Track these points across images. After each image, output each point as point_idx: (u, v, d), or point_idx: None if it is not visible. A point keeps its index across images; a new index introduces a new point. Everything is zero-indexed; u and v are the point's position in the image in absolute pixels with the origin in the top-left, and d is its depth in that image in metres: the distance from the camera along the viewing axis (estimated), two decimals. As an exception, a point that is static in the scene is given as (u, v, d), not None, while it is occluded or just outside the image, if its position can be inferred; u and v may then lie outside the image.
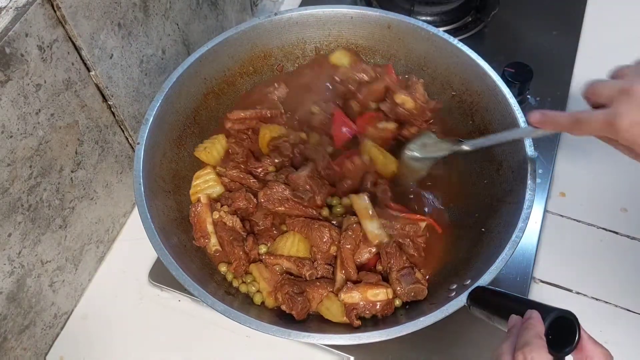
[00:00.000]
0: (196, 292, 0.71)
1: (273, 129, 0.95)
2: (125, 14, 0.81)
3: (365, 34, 1.01)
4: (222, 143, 0.93)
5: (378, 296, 0.76)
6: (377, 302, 0.77)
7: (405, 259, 0.81)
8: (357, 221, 0.81)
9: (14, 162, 0.69)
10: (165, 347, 0.88)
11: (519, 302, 0.62)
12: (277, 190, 0.84)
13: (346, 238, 0.80)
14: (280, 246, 0.83)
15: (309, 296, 0.79)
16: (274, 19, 0.98)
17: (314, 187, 0.85)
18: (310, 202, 0.84)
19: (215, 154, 0.92)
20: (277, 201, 0.84)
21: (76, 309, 0.91)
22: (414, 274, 0.80)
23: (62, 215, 0.81)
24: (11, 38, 0.63)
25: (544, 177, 1.00)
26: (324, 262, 0.82)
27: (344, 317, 0.77)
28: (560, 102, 1.10)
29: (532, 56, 1.09)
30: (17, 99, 0.66)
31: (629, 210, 0.98)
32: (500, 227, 0.79)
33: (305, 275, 0.80)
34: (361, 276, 0.80)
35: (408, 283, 0.78)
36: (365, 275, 0.79)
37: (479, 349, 0.84)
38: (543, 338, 0.52)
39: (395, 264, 0.80)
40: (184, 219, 0.86)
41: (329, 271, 0.82)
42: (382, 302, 0.77)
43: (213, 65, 0.95)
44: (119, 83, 0.84)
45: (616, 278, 0.91)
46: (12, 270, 0.74)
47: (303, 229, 0.83)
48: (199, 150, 0.92)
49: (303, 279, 0.81)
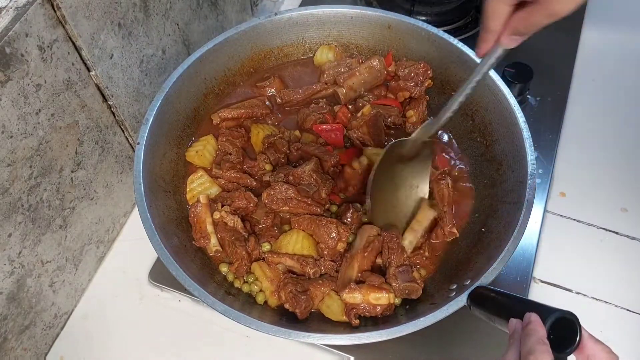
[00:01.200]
0: (196, 292, 0.71)
1: (266, 127, 0.95)
2: (126, 14, 0.81)
3: (365, 34, 1.01)
4: (212, 144, 0.93)
5: (380, 300, 0.77)
6: (378, 305, 0.77)
7: (406, 257, 0.81)
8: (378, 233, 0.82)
9: (14, 162, 0.69)
10: (165, 347, 0.88)
11: (519, 302, 0.63)
12: (281, 191, 0.84)
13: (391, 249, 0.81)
14: (284, 244, 0.83)
15: (311, 294, 0.79)
16: (274, 19, 0.98)
17: (318, 181, 0.85)
18: (315, 196, 0.85)
19: (207, 156, 0.92)
20: (281, 201, 0.85)
21: (76, 309, 0.91)
22: (411, 273, 0.80)
23: (62, 215, 0.81)
24: (11, 38, 0.63)
25: (544, 177, 1.00)
26: (329, 259, 0.82)
27: (344, 316, 0.77)
28: (560, 102, 1.10)
29: (532, 56, 1.09)
30: (17, 99, 0.66)
31: (629, 210, 0.98)
32: (500, 227, 0.80)
33: (309, 273, 0.81)
34: (365, 276, 0.80)
35: (404, 280, 0.78)
36: (369, 276, 0.79)
37: (479, 349, 0.84)
38: (546, 342, 0.52)
39: (395, 259, 0.80)
40: (184, 219, 0.86)
41: (333, 268, 0.82)
42: (382, 306, 0.77)
43: (213, 65, 0.95)
44: (119, 83, 0.84)
45: (616, 278, 0.91)
46: (13, 270, 0.74)
47: (310, 226, 0.83)
48: (191, 154, 0.91)
49: (306, 277, 0.81)
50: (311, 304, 0.79)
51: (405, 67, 0.97)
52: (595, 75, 1.16)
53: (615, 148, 1.06)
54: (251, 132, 0.95)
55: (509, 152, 0.85)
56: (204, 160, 0.92)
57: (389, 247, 0.81)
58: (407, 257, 0.82)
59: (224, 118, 0.95)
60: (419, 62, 0.97)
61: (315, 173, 0.86)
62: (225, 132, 0.93)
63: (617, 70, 1.17)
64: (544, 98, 1.11)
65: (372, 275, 0.79)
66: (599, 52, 1.18)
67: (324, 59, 1.02)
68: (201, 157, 0.91)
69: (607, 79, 1.15)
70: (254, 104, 0.98)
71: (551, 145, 1.04)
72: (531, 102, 1.10)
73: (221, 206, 0.86)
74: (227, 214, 0.84)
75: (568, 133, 1.07)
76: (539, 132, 1.05)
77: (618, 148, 1.06)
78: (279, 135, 0.93)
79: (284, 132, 0.95)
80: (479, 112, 0.93)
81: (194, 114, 0.95)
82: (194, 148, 0.92)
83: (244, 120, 0.97)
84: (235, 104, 0.98)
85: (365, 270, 0.81)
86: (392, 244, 0.81)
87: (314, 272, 0.81)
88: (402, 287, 0.78)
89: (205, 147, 0.92)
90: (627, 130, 1.08)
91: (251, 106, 0.97)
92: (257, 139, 0.94)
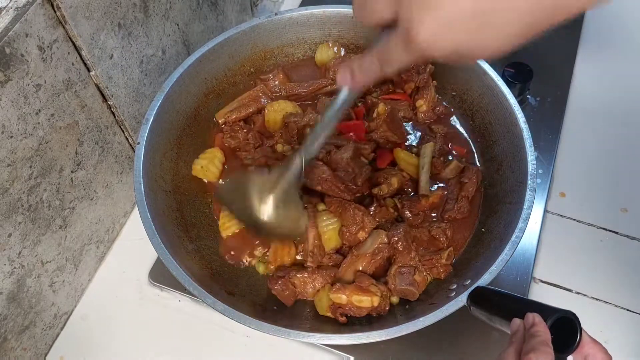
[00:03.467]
0: (196, 292, 0.71)
1: (289, 105, 0.95)
2: (126, 14, 0.81)
3: (365, 34, 1.01)
4: (219, 156, 0.92)
5: (362, 303, 0.76)
6: (363, 307, 0.77)
7: (412, 256, 0.80)
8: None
9: (14, 162, 0.69)
10: (165, 347, 0.88)
11: (519, 302, 0.63)
12: (319, 171, 0.84)
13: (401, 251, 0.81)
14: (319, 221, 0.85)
15: (307, 283, 0.80)
16: (274, 19, 0.98)
17: (355, 169, 0.85)
18: (352, 183, 0.85)
19: (214, 170, 0.91)
20: (316, 181, 0.84)
21: (76, 309, 0.91)
22: (412, 275, 0.79)
23: (62, 215, 0.81)
24: (11, 38, 0.63)
25: (544, 177, 1.00)
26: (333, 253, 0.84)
27: (328, 312, 0.78)
28: (560, 102, 1.10)
29: (532, 56, 1.09)
30: (17, 99, 0.66)
31: (629, 210, 0.98)
32: (500, 227, 0.80)
33: (307, 261, 0.82)
34: (356, 275, 0.80)
35: (402, 282, 0.78)
36: (359, 276, 0.79)
37: (479, 349, 0.84)
38: (550, 346, 0.52)
39: (400, 259, 0.80)
40: (184, 219, 0.86)
41: (339, 261, 0.82)
42: (366, 308, 0.77)
43: (213, 65, 0.95)
44: (119, 83, 0.84)
45: (616, 278, 0.91)
46: (12, 270, 0.74)
47: (338, 209, 0.83)
48: (197, 168, 0.91)
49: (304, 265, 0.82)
50: (296, 293, 0.80)
51: None
52: (596, 75, 1.16)
53: (615, 148, 1.06)
54: (266, 110, 0.95)
55: (509, 152, 0.85)
56: (209, 175, 0.91)
57: (395, 247, 0.81)
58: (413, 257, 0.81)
59: (230, 121, 0.95)
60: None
61: (353, 161, 0.85)
62: (226, 129, 0.94)
63: (617, 70, 1.17)
64: (544, 98, 1.11)
65: (363, 276, 0.79)
66: (599, 52, 1.18)
67: (324, 57, 1.02)
68: (206, 172, 0.91)
69: (607, 78, 1.15)
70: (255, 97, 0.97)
71: (551, 145, 1.04)
72: (531, 102, 1.10)
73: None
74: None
75: (568, 133, 1.07)
76: (539, 132, 1.05)
77: (618, 148, 1.06)
78: (294, 120, 0.92)
79: (307, 114, 0.93)
80: (478, 113, 0.93)
81: (194, 114, 0.95)
82: (199, 162, 0.91)
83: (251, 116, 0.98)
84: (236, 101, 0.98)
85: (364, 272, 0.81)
86: (400, 243, 0.80)
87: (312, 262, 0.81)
88: (400, 289, 0.78)
89: (212, 162, 0.91)
90: (627, 130, 1.08)
91: (254, 99, 0.97)
92: (272, 118, 0.94)
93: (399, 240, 0.81)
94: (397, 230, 0.82)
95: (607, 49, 1.20)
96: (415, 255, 0.81)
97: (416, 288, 0.79)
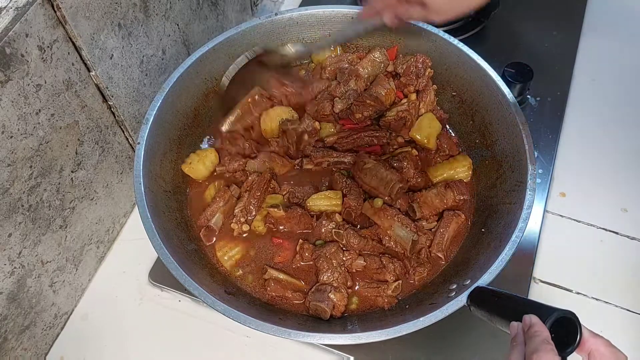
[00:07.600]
0: (196, 292, 0.71)
1: (285, 111, 0.95)
2: (126, 15, 0.81)
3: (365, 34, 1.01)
4: (211, 158, 0.93)
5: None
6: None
7: (336, 277, 0.82)
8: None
9: (14, 162, 0.69)
10: (165, 347, 0.88)
11: (519, 302, 0.63)
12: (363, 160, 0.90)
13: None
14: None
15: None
16: (274, 19, 0.98)
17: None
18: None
19: (202, 169, 0.91)
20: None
21: (76, 309, 0.91)
22: (328, 293, 0.79)
23: (62, 215, 0.81)
24: (11, 38, 0.63)
25: (544, 177, 1.00)
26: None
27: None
28: (560, 102, 1.10)
29: (532, 56, 1.09)
30: (17, 99, 0.66)
31: (629, 210, 0.98)
32: (500, 227, 0.80)
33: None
34: None
35: (317, 299, 0.79)
36: None
37: (479, 349, 0.84)
38: (551, 343, 0.52)
39: (321, 277, 0.82)
40: (184, 219, 0.86)
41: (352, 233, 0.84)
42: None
43: (213, 65, 0.95)
44: (119, 83, 0.84)
45: (616, 278, 0.91)
46: (13, 270, 0.74)
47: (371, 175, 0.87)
48: (185, 166, 0.91)
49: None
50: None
51: (403, 63, 0.97)
52: (595, 75, 1.16)
53: (615, 148, 1.06)
54: (262, 117, 0.95)
55: (509, 152, 0.85)
56: (196, 173, 0.91)
57: (317, 266, 0.83)
58: (337, 278, 0.82)
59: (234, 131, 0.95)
60: (415, 55, 0.97)
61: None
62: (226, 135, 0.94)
63: (617, 70, 1.17)
64: (544, 98, 1.11)
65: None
66: (598, 52, 1.18)
67: (321, 56, 1.02)
68: (193, 170, 0.91)
69: (606, 79, 1.15)
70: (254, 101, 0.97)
71: (551, 145, 1.04)
72: (531, 102, 1.10)
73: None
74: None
75: (568, 133, 1.07)
76: (539, 132, 1.05)
77: (618, 148, 1.06)
78: (292, 127, 0.92)
79: (304, 120, 0.94)
80: (479, 113, 0.93)
81: (194, 114, 0.95)
82: (189, 159, 0.92)
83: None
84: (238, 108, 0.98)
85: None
86: (320, 262, 0.83)
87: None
88: (312, 305, 0.79)
89: (202, 161, 0.91)
90: (627, 130, 1.08)
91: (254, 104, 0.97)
92: (268, 126, 0.95)
93: (323, 259, 0.82)
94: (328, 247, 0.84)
95: (607, 49, 1.20)
96: (339, 276, 0.81)
97: (329, 307, 0.78)
